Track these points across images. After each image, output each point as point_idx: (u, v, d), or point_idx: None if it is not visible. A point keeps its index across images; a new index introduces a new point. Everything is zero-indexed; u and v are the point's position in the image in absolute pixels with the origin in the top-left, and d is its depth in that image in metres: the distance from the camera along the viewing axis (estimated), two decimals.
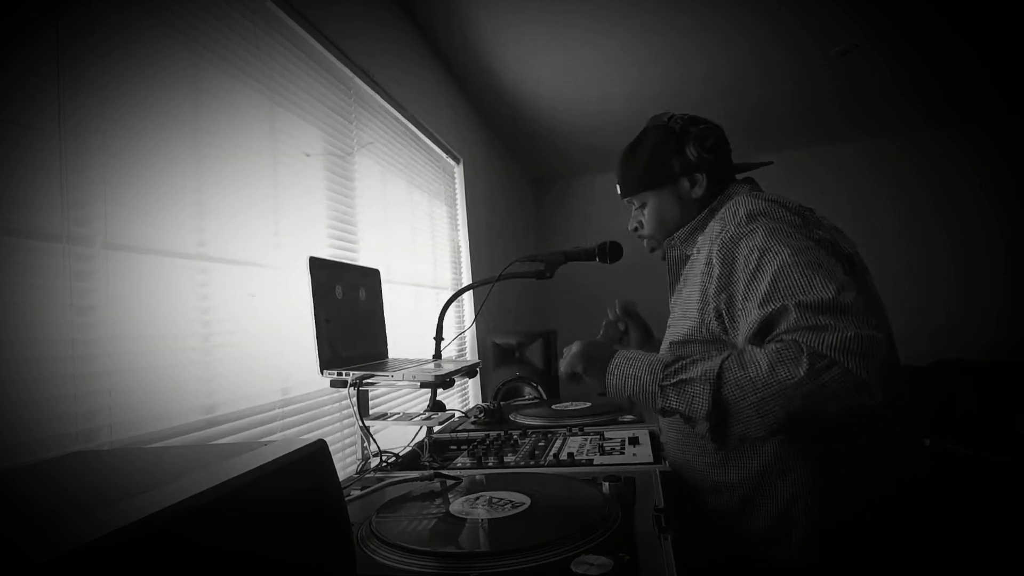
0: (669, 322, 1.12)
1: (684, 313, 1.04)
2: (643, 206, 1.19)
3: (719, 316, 0.95)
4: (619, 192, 1.23)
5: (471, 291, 2.17)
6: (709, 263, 0.98)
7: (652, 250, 1.23)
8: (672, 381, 0.88)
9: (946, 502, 0.95)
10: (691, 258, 1.10)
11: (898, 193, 4.53)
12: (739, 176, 1.18)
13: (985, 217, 4.38)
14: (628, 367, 0.96)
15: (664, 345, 1.10)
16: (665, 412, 0.91)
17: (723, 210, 1.04)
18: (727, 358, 0.85)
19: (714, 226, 1.03)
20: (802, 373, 0.77)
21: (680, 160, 1.12)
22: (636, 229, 1.23)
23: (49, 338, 0.84)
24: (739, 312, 0.92)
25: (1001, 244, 4.32)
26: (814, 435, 0.92)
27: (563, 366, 1.06)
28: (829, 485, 0.92)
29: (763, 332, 0.87)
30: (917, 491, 0.94)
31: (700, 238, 1.10)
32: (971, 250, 4.39)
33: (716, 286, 0.95)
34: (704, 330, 0.98)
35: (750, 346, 0.86)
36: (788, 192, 1.06)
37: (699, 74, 3.20)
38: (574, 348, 1.06)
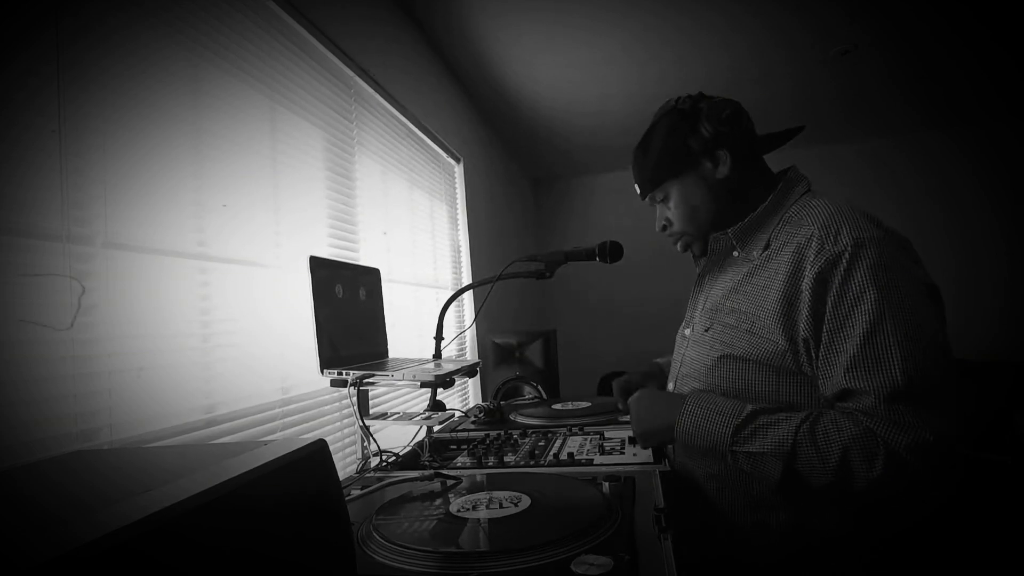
0: (711, 316, 1.04)
1: (753, 323, 0.95)
2: (666, 199, 1.10)
3: (807, 349, 0.89)
4: (639, 193, 1.14)
5: (471, 291, 2.17)
6: (796, 282, 0.90)
7: (686, 248, 1.13)
8: (743, 449, 0.88)
9: (947, 501, 0.95)
10: (759, 258, 1.00)
11: (898, 193, 4.53)
12: (772, 160, 1.09)
13: (985, 217, 4.38)
14: (696, 424, 0.93)
15: (711, 353, 1.00)
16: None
17: (801, 211, 0.96)
18: (799, 430, 0.84)
19: (792, 229, 0.95)
20: (876, 475, 0.80)
21: (696, 140, 1.03)
22: (665, 228, 1.13)
23: (49, 338, 0.83)
24: (822, 356, 0.87)
25: (1001, 244, 4.32)
26: None
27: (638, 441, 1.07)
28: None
29: (841, 396, 0.86)
30: (919, 492, 0.93)
31: (762, 235, 1.01)
32: (971, 250, 4.39)
33: (807, 318, 0.88)
34: (776, 358, 0.91)
35: (825, 417, 0.85)
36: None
37: (699, 74, 3.20)
38: (634, 426, 1.04)
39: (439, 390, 1.27)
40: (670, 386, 1.13)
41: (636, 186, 1.15)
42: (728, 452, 0.89)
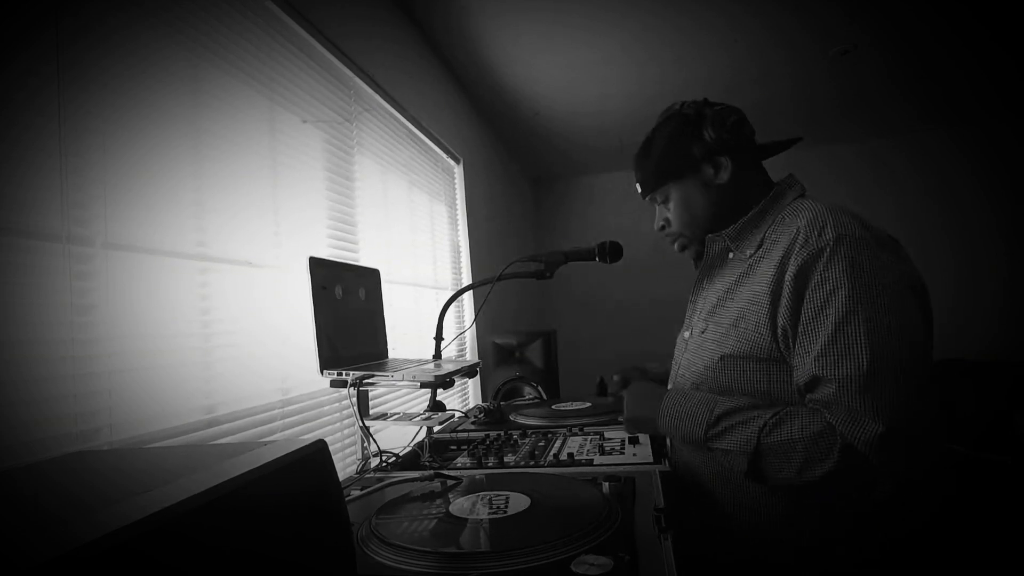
0: (706, 318, 1.06)
1: (740, 319, 0.98)
2: (666, 201, 1.12)
3: (784, 337, 0.92)
4: (639, 191, 1.16)
5: (471, 291, 2.17)
6: (780, 275, 0.93)
7: (683, 248, 1.16)
8: (715, 446, 0.94)
9: (946, 502, 0.95)
10: (751, 257, 1.02)
11: (898, 193, 4.53)
12: (773, 162, 1.11)
13: (984, 217, 4.38)
14: (674, 421, 1.01)
15: (708, 355, 1.02)
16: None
17: (792, 212, 0.99)
18: (763, 430, 0.89)
19: (783, 228, 0.98)
20: (829, 467, 0.85)
21: (700, 145, 1.06)
22: (663, 227, 1.15)
23: (49, 338, 0.84)
24: (797, 343, 0.91)
25: (1001, 244, 4.32)
26: None
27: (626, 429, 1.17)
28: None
29: (810, 384, 0.90)
30: (918, 493, 0.94)
31: (756, 235, 1.03)
32: (971, 250, 4.39)
33: (787, 307, 0.91)
34: (764, 350, 0.94)
35: (789, 416, 0.89)
36: None
37: (699, 74, 3.20)
38: (624, 412, 1.12)
39: (439, 390, 1.27)
40: (669, 387, 1.14)
41: (637, 185, 1.17)
42: (705, 448, 0.96)
